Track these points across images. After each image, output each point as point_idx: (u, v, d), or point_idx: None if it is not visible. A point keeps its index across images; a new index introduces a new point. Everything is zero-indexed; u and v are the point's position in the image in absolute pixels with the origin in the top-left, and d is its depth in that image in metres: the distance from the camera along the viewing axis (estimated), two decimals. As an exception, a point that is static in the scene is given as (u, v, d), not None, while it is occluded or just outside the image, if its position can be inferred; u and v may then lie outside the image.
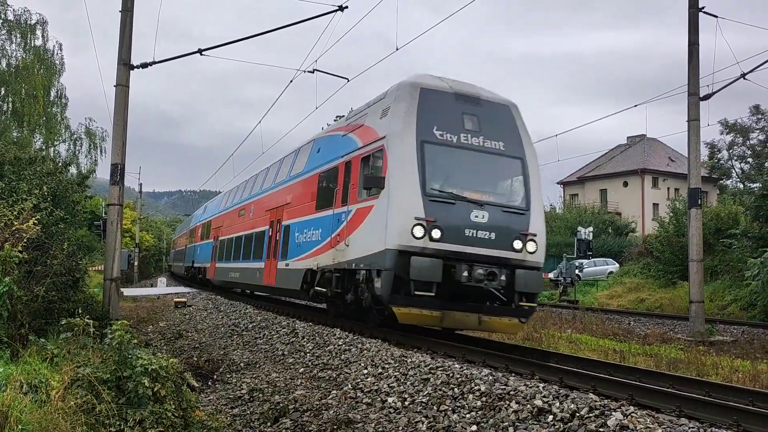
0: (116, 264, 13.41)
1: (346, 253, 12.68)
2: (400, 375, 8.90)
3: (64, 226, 13.08)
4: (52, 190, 13.89)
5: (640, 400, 6.73)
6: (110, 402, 6.13)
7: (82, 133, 33.52)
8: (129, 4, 14.18)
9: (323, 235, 14.19)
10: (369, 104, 13.86)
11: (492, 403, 7.03)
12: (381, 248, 11.03)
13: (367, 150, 12.51)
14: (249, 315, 18.09)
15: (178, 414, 6.62)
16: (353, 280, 12.64)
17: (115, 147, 13.79)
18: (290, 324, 15.01)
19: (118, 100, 13.91)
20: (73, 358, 7.03)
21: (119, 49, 13.97)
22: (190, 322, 18.57)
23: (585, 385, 7.47)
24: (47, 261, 10.53)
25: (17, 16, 29.90)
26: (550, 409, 6.46)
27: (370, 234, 11.57)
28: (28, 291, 9.42)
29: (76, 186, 18.23)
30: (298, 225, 16.43)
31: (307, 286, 15.24)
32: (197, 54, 15.58)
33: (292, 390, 9.27)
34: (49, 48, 30.96)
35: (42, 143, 30.91)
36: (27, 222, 9.96)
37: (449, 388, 7.84)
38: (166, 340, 14.99)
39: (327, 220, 14.12)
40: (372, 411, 7.81)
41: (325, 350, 11.55)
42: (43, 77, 30.03)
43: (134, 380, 6.36)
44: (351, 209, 12.65)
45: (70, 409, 5.81)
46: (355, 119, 14.32)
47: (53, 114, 31.34)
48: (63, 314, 9.56)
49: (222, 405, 9.06)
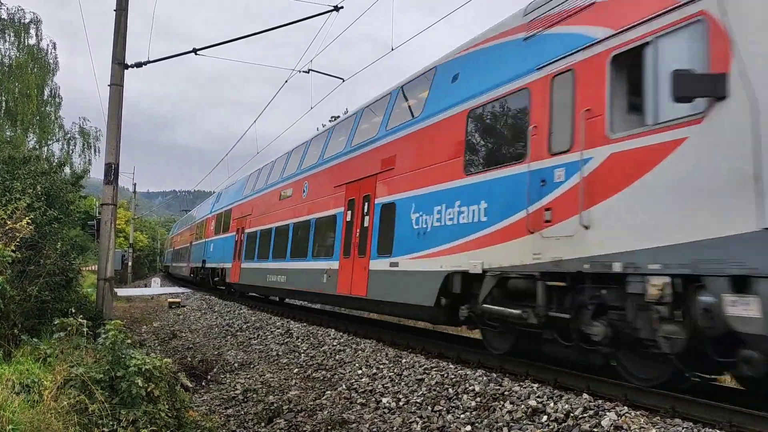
0: (110, 264, 13.33)
1: (580, 242, 7.28)
2: (395, 375, 8.89)
3: (58, 225, 12.99)
4: (46, 189, 13.80)
5: (634, 400, 6.74)
6: (103, 402, 6.10)
7: (75, 133, 33.41)
8: (124, 3, 14.12)
9: (495, 211, 8.87)
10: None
11: (486, 404, 7.04)
12: (746, 228, 5.54)
13: (634, 38, 6.92)
14: (243, 315, 18.06)
15: (171, 414, 6.61)
16: (600, 296, 7.18)
17: (109, 146, 13.72)
18: (285, 324, 14.99)
19: (112, 100, 13.85)
20: (66, 358, 6.99)
21: (114, 49, 13.91)
22: (184, 323, 18.51)
23: (579, 386, 7.47)
24: (40, 260, 10.47)
25: (11, 14, 29.78)
26: (544, 410, 6.47)
27: (686, 199, 6.10)
28: (20, 290, 9.37)
29: (70, 186, 18.11)
30: (420, 200, 10.92)
31: (450, 300, 9.89)
32: (192, 53, 15.56)
33: (287, 390, 9.25)
34: (43, 47, 30.86)
35: (35, 142, 30.77)
36: (20, 221, 9.90)
37: (444, 389, 7.84)
38: (160, 341, 14.93)
39: (503, 185, 8.79)
40: (366, 411, 7.80)
41: (319, 350, 11.54)
42: (37, 76, 29.92)
43: (128, 380, 6.34)
44: (591, 157, 7.24)
45: (63, 409, 5.78)
46: (552, 7, 8.57)
47: (47, 113, 31.20)
48: (56, 314, 9.52)
49: (216, 405, 9.03)
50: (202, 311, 21.08)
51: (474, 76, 10.18)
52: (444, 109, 10.73)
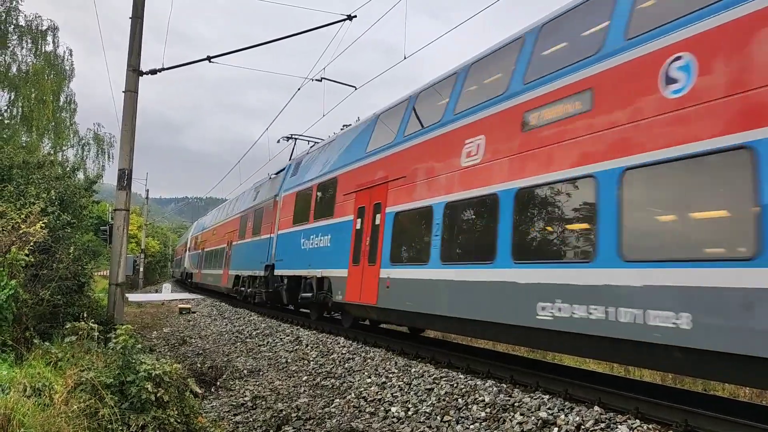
0: (122, 269, 13.41)
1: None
2: (404, 384, 8.86)
3: (71, 230, 13.11)
4: (60, 194, 13.95)
5: (645, 414, 6.66)
6: (113, 406, 6.11)
7: (90, 139, 33.70)
8: (139, 11, 14.28)
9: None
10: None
11: (496, 415, 6.99)
12: None
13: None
14: (253, 322, 18.08)
15: (180, 420, 6.60)
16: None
17: (123, 152, 13.84)
18: (294, 332, 14.99)
19: (126, 106, 13.98)
20: (77, 362, 7.03)
21: (129, 56, 14.06)
22: (194, 329, 18.56)
23: (590, 398, 7.40)
24: (53, 265, 10.56)
25: (28, 21, 30.15)
26: (555, 421, 6.41)
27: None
28: (33, 294, 9.44)
29: (83, 191, 18.30)
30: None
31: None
32: (206, 61, 15.69)
33: (295, 398, 9.24)
34: (60, 54, 31.22)
35: (50, 148, 31.09)
36: (34, 225, 9.99)
37: (453, 399, 7.80)
38: (170, 346, 14.98)
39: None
40: (375, 420, 7.76)
41: (329, 358, 11.52)
42: (53, 82, 30.25)
43: (137, 385, 6.35)
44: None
45: (73, 413, 5.79)
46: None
47: (62, 119, 31.51)
48: (68, 318, 9.59)
49: (225, 412, 9.03)
50: (212, 317, 21.13)
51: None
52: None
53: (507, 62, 10.25)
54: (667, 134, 6.80)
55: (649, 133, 7.03)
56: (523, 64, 9.78)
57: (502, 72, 10.39)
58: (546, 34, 9.60)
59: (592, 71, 8.11)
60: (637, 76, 7.40)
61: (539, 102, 8.99)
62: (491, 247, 9.25)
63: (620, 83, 7.63)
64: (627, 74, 7.58)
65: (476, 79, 11.37)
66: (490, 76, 10.96)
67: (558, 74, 8.73)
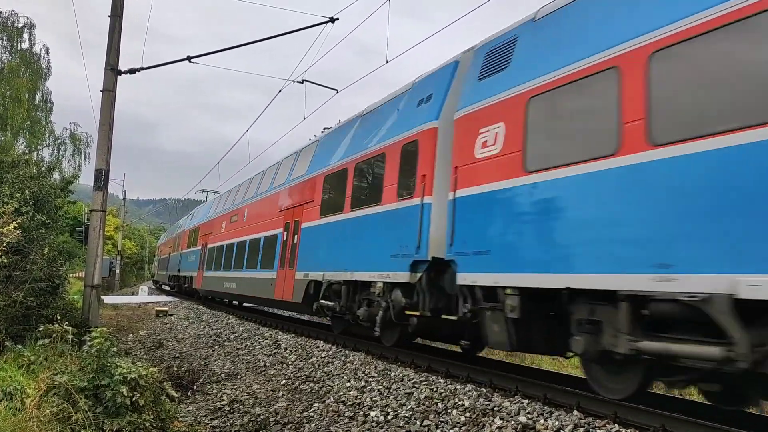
0: (97, 271, 13.20)
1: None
2: (384, 389, 8.82)
3: (46, 231, 12.86)
4: (35, 194, 13.68)
5: (624, 418, 6.70)
6: (87, 411, 6.00)
7: (66, 138, 33.24)
8: (118, 10, 14.11)
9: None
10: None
11: (476, 419, 6.98)
12: None
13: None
14: (231, 325, 17.92)
15: (156, 424, 6.50)
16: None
17: (100, 152, 13.63)
18: (273, 335, 14.88)
19: (104, 106, 13.79)
20: (50, 366, 6.89)
21: (107, 54, 13.87)
22: (171, 332, 18.33)
23: (569, 402, 7.43)
24: (27, 266, 10.35)
25: (4, 18, 29.68)
26: (534, 426, 6.42)
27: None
28: (5, 296, 9.25)
29: (59, 191, 17.97)
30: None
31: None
32: (186, 61, 15.55)
33: (274, 402, 9.15)
34: (36, 51, 30.74)
35: (25, 147, 30.56)
36: (7, 226, 9.79)
37: (433, 403, 7.78)
38: (146, 349, 14.77)
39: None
40: (354, 425, 7.71)
41: (308, 362, 11.44)
42: (29, 80, 29.78)
43: (112, 389, 6.24)
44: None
45: (46, 417, 5.67)
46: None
47: (37, 118, 31.03)
48: (41, 320, 9.41)
49: (201, 416, 8.91)
50: (190, 320, 20.90)
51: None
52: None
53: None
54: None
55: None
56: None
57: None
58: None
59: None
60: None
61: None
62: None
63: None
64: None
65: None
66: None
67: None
